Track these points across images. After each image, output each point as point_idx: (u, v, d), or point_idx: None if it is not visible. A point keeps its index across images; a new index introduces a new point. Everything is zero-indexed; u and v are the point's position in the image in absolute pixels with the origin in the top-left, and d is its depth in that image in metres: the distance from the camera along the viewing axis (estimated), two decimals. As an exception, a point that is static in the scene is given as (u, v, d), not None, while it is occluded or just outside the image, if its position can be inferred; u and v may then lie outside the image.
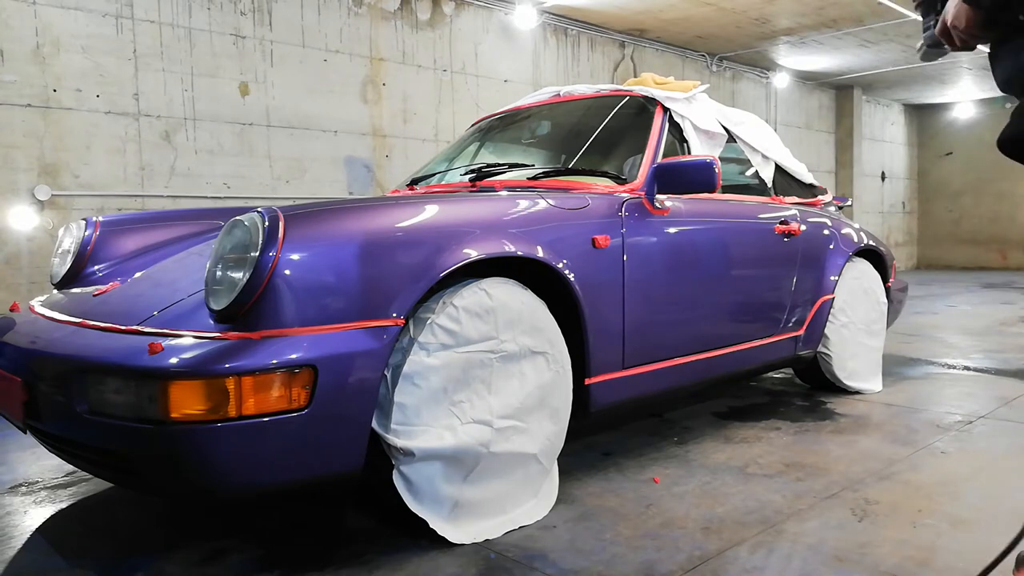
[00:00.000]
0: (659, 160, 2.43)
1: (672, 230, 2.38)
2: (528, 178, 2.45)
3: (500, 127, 3.12)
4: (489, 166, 2.65)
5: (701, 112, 2.77)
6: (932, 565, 1.65)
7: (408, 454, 1.65)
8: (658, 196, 2.37)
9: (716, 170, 2.23)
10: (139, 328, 1.62)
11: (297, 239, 1.54)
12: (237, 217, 1.61)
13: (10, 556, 1.79)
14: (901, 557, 1.69)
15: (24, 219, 4.17)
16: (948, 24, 1.38)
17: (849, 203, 3.85)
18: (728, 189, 2.87)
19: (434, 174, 2.94)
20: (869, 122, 11.55)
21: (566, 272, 1.98)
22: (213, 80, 4.83)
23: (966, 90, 11.18)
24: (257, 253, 1.51)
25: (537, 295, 1.94)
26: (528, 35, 6.76)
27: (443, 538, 1.74)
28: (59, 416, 1.62)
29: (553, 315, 1.97)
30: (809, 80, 10.22)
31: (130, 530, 1.96)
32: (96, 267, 2.31)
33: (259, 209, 1.60)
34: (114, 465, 1.58)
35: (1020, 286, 8.96)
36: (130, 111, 4.50)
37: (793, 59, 9.01)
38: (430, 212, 1.80)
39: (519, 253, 1.85)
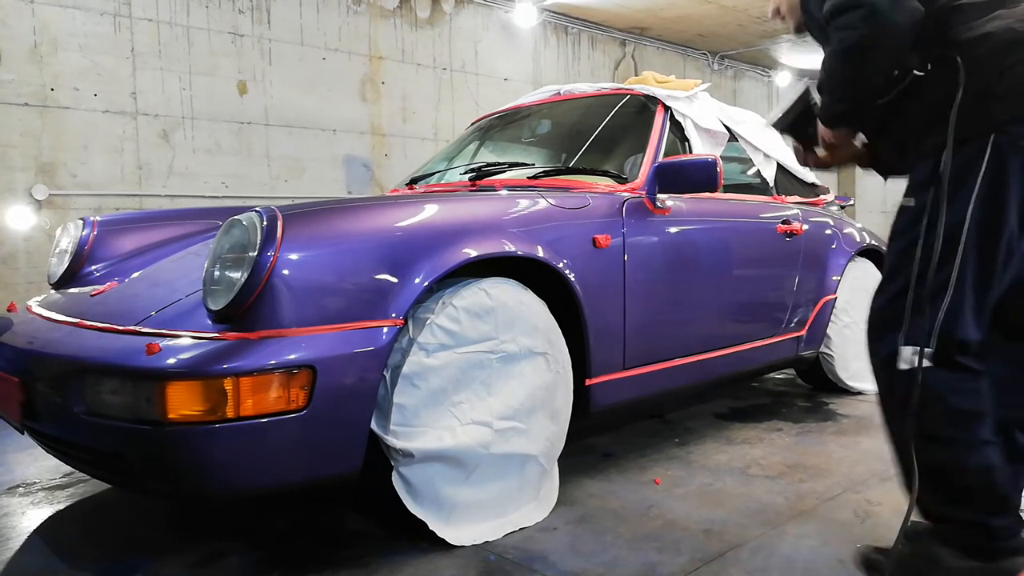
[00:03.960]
0: (660, 159, 2.42)
1: (673, 230, 2.37)
2: (528, 177, 2.44)
3: (500, 126, 3.11)
4: (489, 165, 2.64)
5: (702, 111, 2.76)
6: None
7: (407, 455, 1.64)
8: (659, 195, 2.35)
9: (718, 169, 2.21)
10: (137, 328, 1.61)
11: (296, 239, 1.53)
12: (235, 217, 1.60)
13: (8, 558, 1.78)
14: (904, 559, 1.68)
15: (21, 219, 4.15)
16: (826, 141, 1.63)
17: (851, 202, 3.83)
18: (730, 188, 2.86)
19: (433, 173, 2.93)
20: (870, 121, 11.52)
21: (566, 272, 1.96)
22: (211, 79, 4.81)
23: (967, 89, 11.16)
24: (255, 253, 1.50)
25: (537, 295, 1.92)
26: (528, 33, 6.75)
27: (442, 540, 1.73)
28: (56, 417, 1.61)
29: (553, 315, 1.96)
30: (812, 79, 10.19)
31: (128, 531, 1.95)
32: (94, 267, 2.30)
33: (257, 208, 1.59)
34: (112, 466, 1.57)
35: (1021, 285, 8.94)
36: (128, 110, 4.48)
37: (795, 58, 8.99)
38: (429, 211, 1.79)
39: (519, 253, 1.84)
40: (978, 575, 1.41)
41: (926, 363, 1.40)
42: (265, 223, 1.53)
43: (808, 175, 3.37)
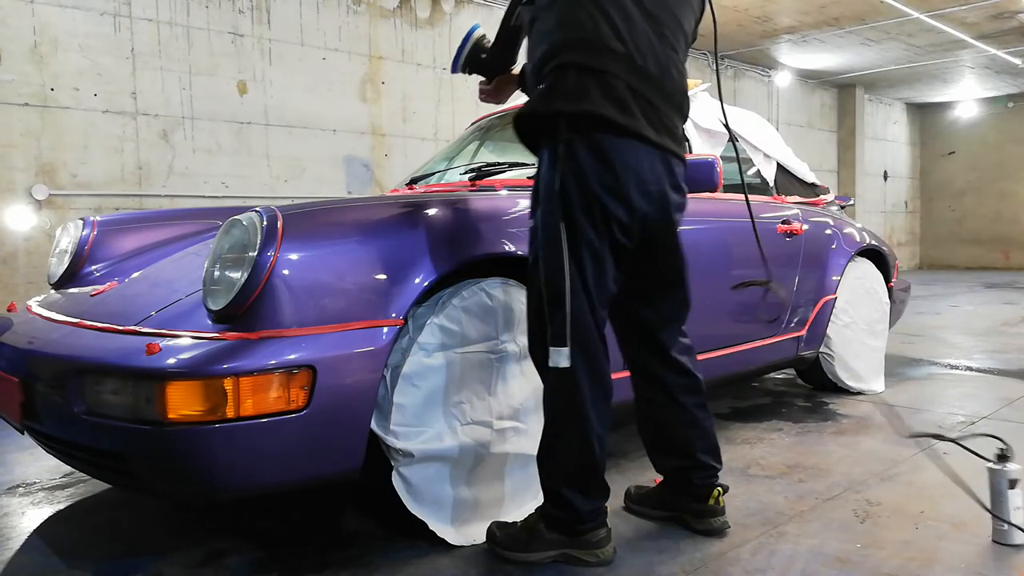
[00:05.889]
0: (660, 159, 2.41)
1: (673, 229, 2.36)
2: (528, 177, 2.43)
3: (500, 126, 3.11)
4: (489, 165, 2.63)
5: (702, 111, 2.76)
6: (934, 567, 1.64)
7: (407, 455, 1.64)
8: (659, 195, 2.35)
9: (717, 169, 2.21)
10: (137, 328, 1.61)
11: (295, 239, 1.53)
12: (235, 216, 1.60)
13: (8, 558, 1.78)
14: (903, 559, 1.68)
15: (21, 219, 4.15)
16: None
17: (851, 202, 3.83)
18: (729, 188, 2.85)
19: (433, 173, 2.93)
20: (871, 121, 11.53)
21: (567, 272, 1.96)
22: (211, 79, 4.82)
23: (969, 88, 11.16)
24: (255, 253, 1.50)
25: (537, 295, 1.92)
26: (528, 34, 6.74)
27: (443, 540, 1.73)
28: (56, 417, 1.61)
29: (553, 315, 1.95)
30: (811, 79, 10.20)
31: (128, 532, 1.95)
32: (93, 267, 2.30)
33: (257, 208, 1.59)
34: (111, 466, 1.57)
35: (1023, 286, 8.95)
36: (128, 110, 4.48)
37: (795, 57, 8.99)
38: (429, 211, 1.79)
39: (519, 253, 1.84)
40: (564, 545, 1.67)
41: (564, 362, 1.58)
42: (265, 223, 1.53)
43: (808, 175, 3.36)
